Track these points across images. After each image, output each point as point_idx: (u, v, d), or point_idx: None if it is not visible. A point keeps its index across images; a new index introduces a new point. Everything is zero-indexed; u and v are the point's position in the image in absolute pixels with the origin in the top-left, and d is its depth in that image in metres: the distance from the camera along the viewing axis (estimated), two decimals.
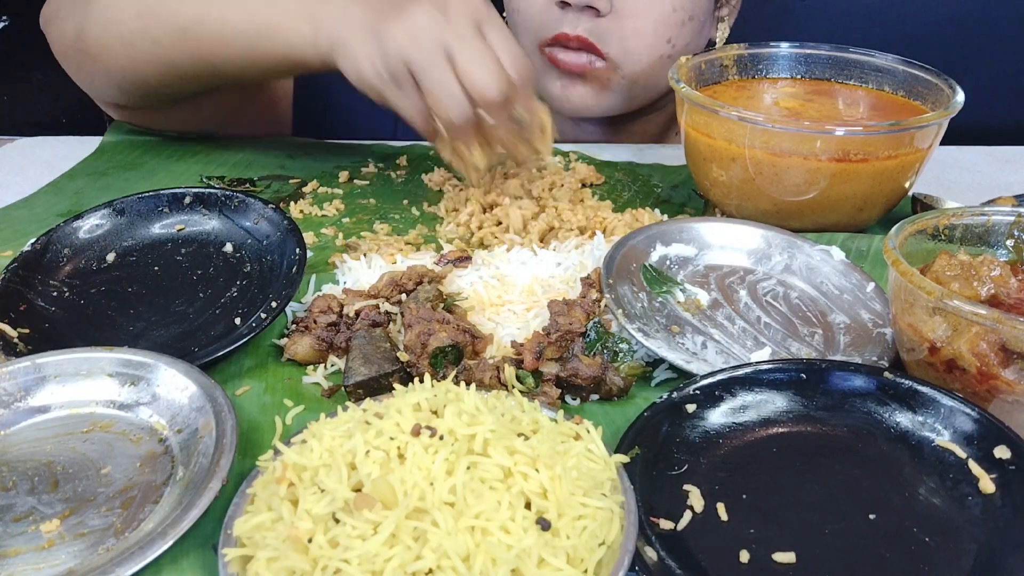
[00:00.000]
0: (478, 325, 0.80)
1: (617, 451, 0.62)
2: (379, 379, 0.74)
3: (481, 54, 0.87)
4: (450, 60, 0.87)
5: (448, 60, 0.87)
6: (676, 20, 1.21)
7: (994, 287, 0.72)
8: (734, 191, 1.01)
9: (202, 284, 0.87)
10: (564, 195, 1.06)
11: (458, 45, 0.87)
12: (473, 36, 0.88)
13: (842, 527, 0.59)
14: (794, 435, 0.67)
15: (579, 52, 1.21)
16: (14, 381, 0.72)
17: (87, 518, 0.62)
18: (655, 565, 0.55)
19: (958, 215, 0.79)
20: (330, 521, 0.53)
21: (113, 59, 1.10)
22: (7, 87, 1.93)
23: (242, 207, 0.92)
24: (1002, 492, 0.60)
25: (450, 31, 0.87)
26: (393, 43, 0.88)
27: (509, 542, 0.52)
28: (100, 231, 0.92)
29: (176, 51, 1.05)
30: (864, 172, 0.95)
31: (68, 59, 1.17)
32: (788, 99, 1.10)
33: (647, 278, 0.85)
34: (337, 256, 0.96)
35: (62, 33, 1.16)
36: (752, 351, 0.77)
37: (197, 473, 0.63)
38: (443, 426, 0.56)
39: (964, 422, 0.64)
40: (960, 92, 0.99)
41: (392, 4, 0.91)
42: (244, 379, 0.78)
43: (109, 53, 1.10)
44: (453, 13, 0.88)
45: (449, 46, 0.87)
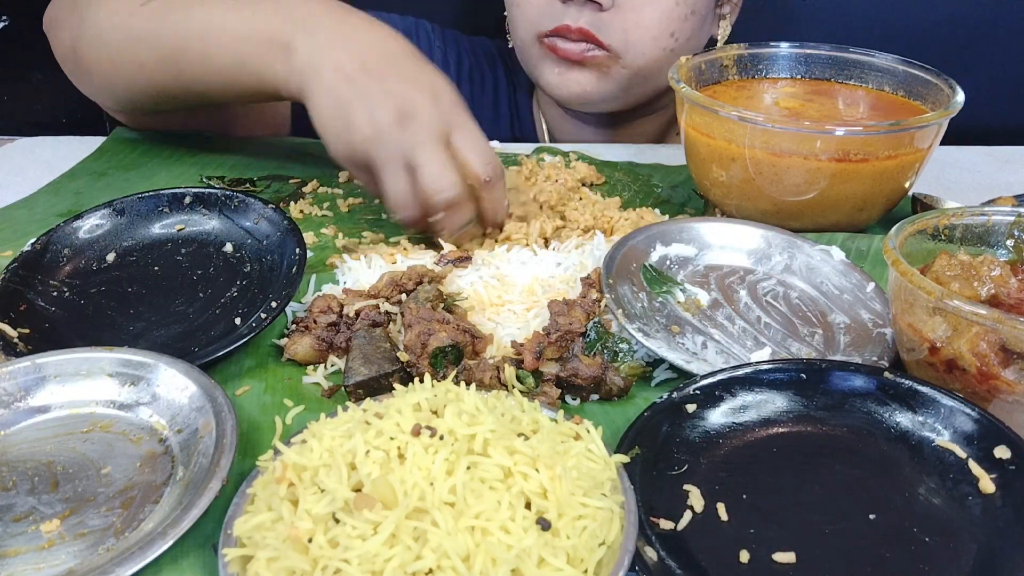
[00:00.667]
0: (478, 325, 0.80)
1: (617, 451, 0.62)
2: (379, 379, 0.74)
3: (437, 162, 0.88)
4: (409, 166, 0.89)
5: (407, 167, 0.89)
6: (679, 14, 1.21)
7: (994, 287, 0.72)
8: (734, 191, 1.01)
9: (202, 284, 0.87)
10: (562, 192, 1.06)
11: (418, 153, 0.88)
12: (432, 145, 0.88)
13: (842, 527, 0.59)
14: (794, 435, 0.67)
15: (579, 42, 1.21)
16: (14, 381, 0.72)
17: (87, 518, 0.62)
18: (655, 565, 0.55)
19: (958, 215, 0.79)
20: (330, 521, 0.53)
21: (104, 76, 1.11)
22: (7, 87, 1.93)
23: (242, 207, 0.92)
24: (1002, 492, 0.60)
25: (413, 137, 0.88)
26: (358, 135, 0.89)
27: (509, 542, 0.52)
28: (100, 231, 0.92)
29: (161, 76, 1.06)
30: (864, 172, 0.95)
31: (66, 65, 1.19)
32: (788, 99, 1.10)
33: (647, 278, 0.85)
34: (337, 256, 0.96)
35: (60, 41, 1.17)
36: (752, 351, 0.77)
37: (197, 473, 0.63)
38: (443, 426, 0.56)
39: (964, 422, 0.64)
40: (960, 92, 0.99)
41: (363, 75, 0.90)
42: (244, 379, 0.78)
43: (100, 71, 1.11)
44: (420, 119, 0.88)
45: (409, 154, 0.88)
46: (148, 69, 1.06)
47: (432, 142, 0.88)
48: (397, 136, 0.88)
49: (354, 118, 0.89)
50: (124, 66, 1.08)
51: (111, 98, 1.18)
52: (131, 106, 1.19)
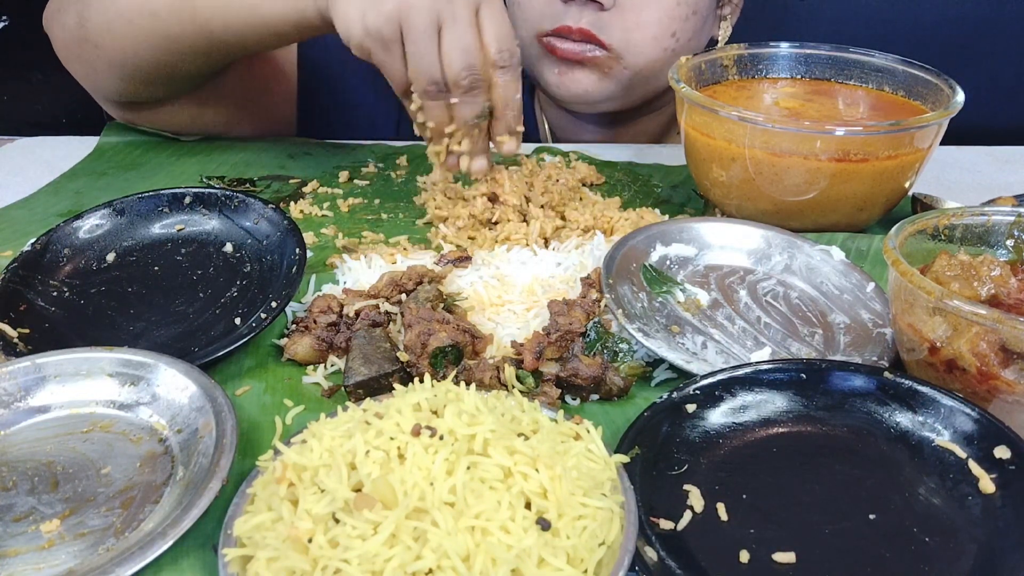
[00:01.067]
0: (478, 325, 0.80)
1: (617, 451, 0.62)
2: (379, 379, 0.74)
3: (466, 37, 0.88)
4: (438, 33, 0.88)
5: (436, 33, 0.88)
6: (680, 14, 1.21)
7: (994, 287, 0.72)
8: (734, 191, 1.01)
9: (202, 284, 0.87)
10: (563, 192, 1.06)
11: (450, 21, 0.88)
12: (465, 16, 0.88)
13: (842, 527, 0.59)
14: (794, 435, 0.67)
15: (579, 42, 1.21)
16: (14, 381, 0.72)
17: (87, 518, 0.62)
18: (655, 565, 0.55)
19: (958, 215, 0.79)
20: (330, 521, 0.53)
21: (114, 41, 1.10)
22: (7, 87, 1.93)
23: (242, 207, 0.92)
24: (1002, 492, 0.60)
25: (446, 5, 0.88)
26: (385, 7, 0.88)
27: (509, 542, 0.52)
28: (100, 231, 0.92)
29: (175, 22, 1.05)
30: (864, 172, 0.95)
31: (70, 52, 1.17)
32: (788, 99, 1.10)
33: (647, 278, 0.85)
34: (337, 256, 0.96)
35: (63, 26, 1.15)
36: (752, 351, 0.77)
37: (197, 473, 0.63)
38: (443, 426, 0.56)
39: (964, 422, 0.64)
40: (960, 92, 0.99)
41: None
42: (244, 379, 0.78)
43: (110, 35, 1.09)
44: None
45: (441, 19, 0.88)
46: (163, 16, 1.05)
47: (462, 13, 0.88)
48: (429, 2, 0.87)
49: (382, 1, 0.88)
50: (135, 20, 1.07)
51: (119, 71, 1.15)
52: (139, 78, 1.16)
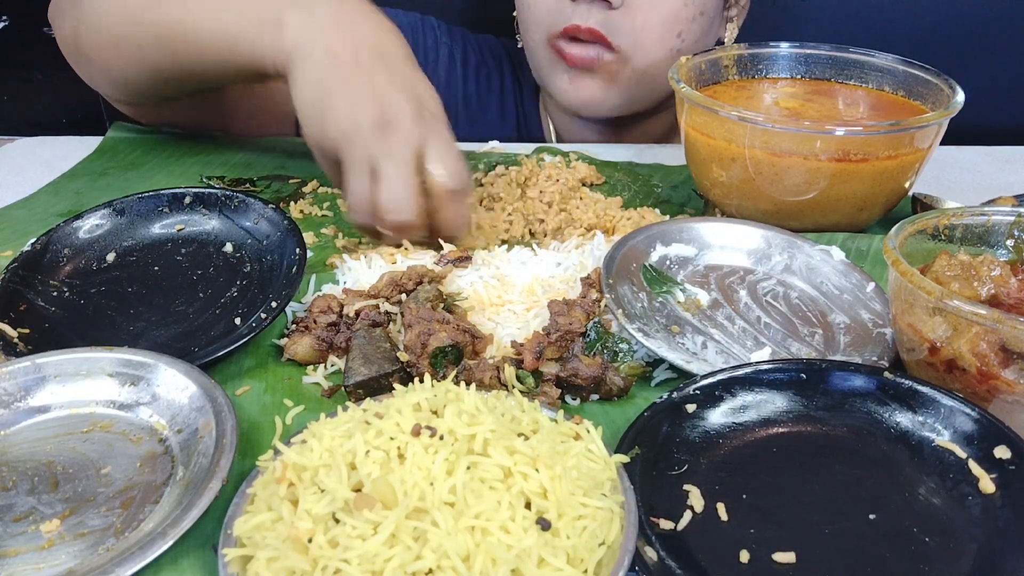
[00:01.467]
0: (478, 325, 0.80)
1: (617, 451, 0.62)
2: (379, 379, 0.74)
3: (399, 179, 0.86)
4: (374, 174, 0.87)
5: (372, 173, 0.87)
6: (687, 15, 1.21)
7: (994, 287, 0.72)
8: (734, 191, 1.01)
9: (202, 284, 0.87)
10: (564, 192, 1.06)
11: (383, 164, 0.86)
12: (402, 156, 0.86)
13: (842, 527, 0.59)
14: (794, 435, 0.67)
15: (589, 45, 1.21)
16: (14, 381, 0.72)
17: (87, 518, 0.62)
18: (655, 565, 0.55)
19: (958, 215, 0.79)
20: (330, 521, 0.53)
21: (104, 61, 1.12)
22: (7, 87, 1.93)
23: (242, 207, 0.92)
24: (1002, 492, 0.60)
25: (384, 147, 0.86)
26: (333, 126, 0.88)
27: (509, 542, 0.52)
28: (100, 231, 0.92)
29: (157, 56, 1.06)
30: (864, 172, 0.94)
31: (69, 54, 1.19)
32: (788, 99, 1.10)
33: (647, 278, 0.85)
34: (337, 256, 0.96)
35: (62, 31, 1.17)
36: (752, 351, 0.77)
37: (197, 473, 0.63)
38: (443, 426, 0.56)
39: (964, 422, 0.64)
40: (960, 92, 0.99)
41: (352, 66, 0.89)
42: (244, 379, 0.78)
43: (100, 56, 1.11)
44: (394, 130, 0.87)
45: (376, 162, 0.87)
46: (145, 50, 1.06)
47: (402, 157, 0.86)
48: (371, 141, 0.86)
49: (334, 110, 0.88)
50: (123, 49, 1.08)
51: (111, 85, 1.17)
52: (131, 93, 1.19)
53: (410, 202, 0.87)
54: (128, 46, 1.07)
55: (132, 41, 1.06)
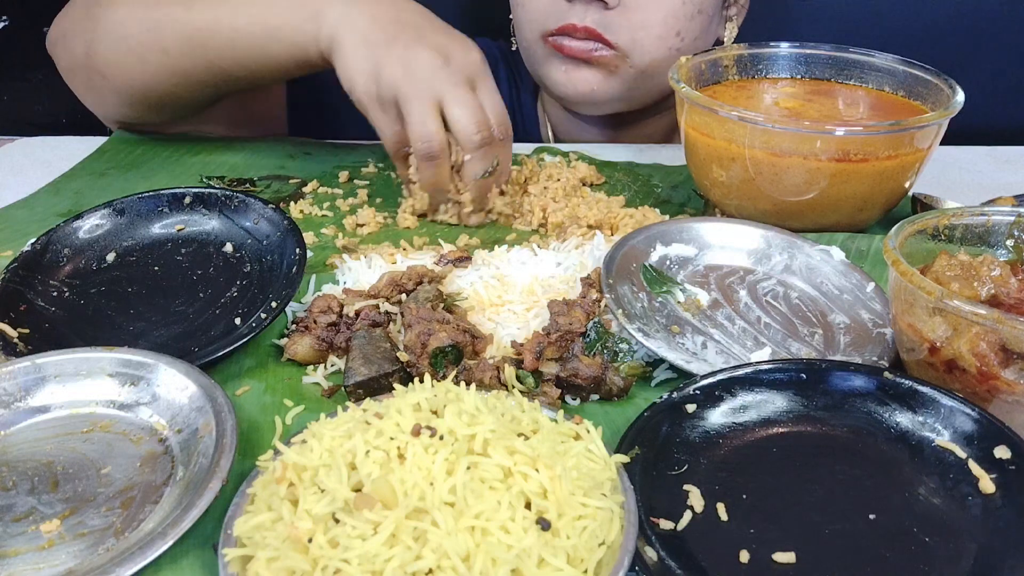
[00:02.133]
0: (478, 325, 0.80)
1: (617, 451, 0.62)
2: (379, 379, 0.74)
3: (470, 104, 0.94)
4: (438, 103, 0.93)
5: (436, 103, 0.93)
6: (685, 13, 1.21)
7: (994, 287, 0.72)
8: (734, 191, 1.01)
9: (202, 284, 0.87)
10: (566, 190, 1.06)
11: (450, 93, 0.93)
12: (464, 88, 0.94)
13: (842, 527, 0.59)
14: (794, 435, 0.67)
15: (585, 41, 1.21)
16: (14, 381, 0.72)
17: (87, 518, 0.62)
18: (655, 565, 0.55)
19: (958, 215, 0.79)
20: (330, 521, 0.53)
21: (123, 74, 1.13)
22: (7, 87, 1.93)
23: (242, 207, 0.92)
24: (1002, 492, 0.60)
25: (445, 78, 0.93)
26: (389, 72, 0.93)
27: (509, 542, 0.52)
28: (100, 231, 0.92)
29: (186, 59, 1.08)
30: (864, 172, 0.94)
31: (76, 78, 1.20)
32: (788, 99, 1.10)
33: (647, 278, 0.85)
34: (337, 256, 0.96)
35: (70, 53, 1.18)
36: (752, 351, 0.77)
37: (197, 473, 0.63)
38: (443, 426, 0.56)
39: (964, 422, 0.64)
40: (960, 92, 0.99)
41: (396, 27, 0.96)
42: (244, 379, 0.78)
43: (119, 68, 1.13)
44: (453, 64, 0.94)
45: (440, 92, 0.93)
46: (172, 54, 1.08)
47: (464, 85, 0.94)
48: (430, 75, 0.92)
49: (387, 58, 0.93)
50: (146, 57, 1.09)
51: (127, 99, 1.18)
52: (146, 106, 1.19)
53: (484, 119, 0.94)
54: (152, 53, 1.09)
55: (157, 47, 1.08)
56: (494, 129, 0.96)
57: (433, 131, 0.94)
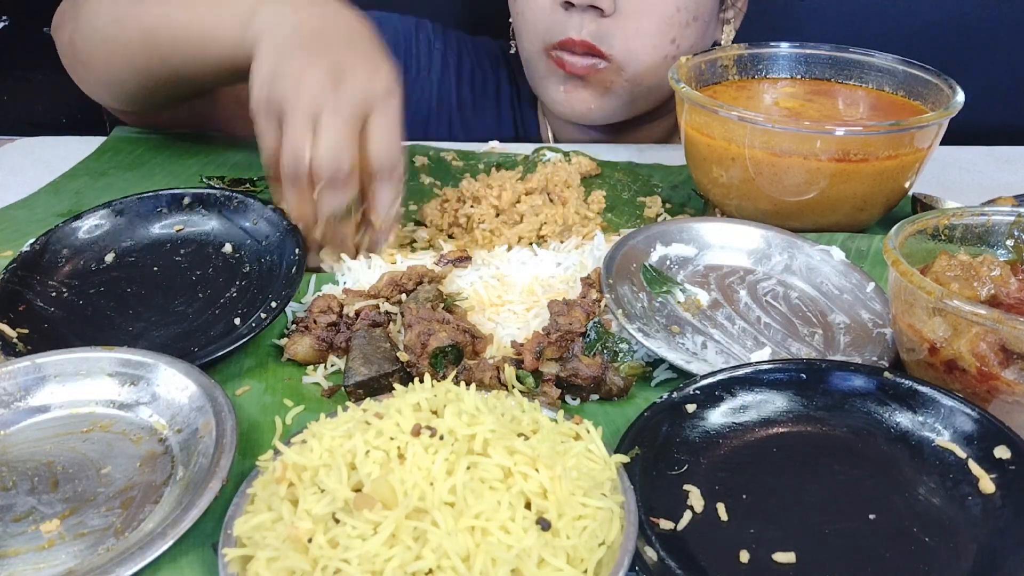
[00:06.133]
0: (478, 325, 0.80)
1: (617, 451, 0.62)
2: (379, 379, 0.74)
3: (336, 133, 0.85)
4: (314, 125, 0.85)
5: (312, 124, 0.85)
6: (680, 20, 1.21)
7: (994, 287, 0.72)
8: (734, 191, 1.01)
9: (201, 284, 0.87)
10: (568, 192, 1.06)
11: (324, 117, 0.85)
12: (343, 115, 0.85)
13: (842, 527, 0.59)
14: (794, 435, 0.67)
15: (584, 56, 1.21)
16: (14, 381, 0.72)
17: (87, 518, 0.62)
18: (655, 565, 0.55)
19: (958, 215, 0.79)
20: (330, 521, 0.53)
21: (97, 65, 1.12)
22: (7, 87, 1.93)
23: (241, 207, 0.92)
24: (1002, 492, 0.60)
25: (329, 101, 0.85)
26: (281, 83, 0.87)
27: (509, 542, 0.52)
28: (99, 231, 0.92)
29: (142, 55, 1.06)
30: (864, 172, 0.94)
31: (67, 64, 1.19)
32: (788, 99, 1.10)
33: (647, 278, 0.85)
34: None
35: (61, 40, 1.18)
36: (752, 351, 0.77)
37: (197, 473, 0.63)
38: (443, 426, 0.56)
39: (964, 422, 0.64)
40: (960, 92, 0.99)
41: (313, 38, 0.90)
42: (244, 379, 0.78)
43: (93, 59, 1.12)
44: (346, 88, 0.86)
45: (318, 115, 0.85)
46: (133, 52, 1.06)
47: (346, 112, 0.85)
48: (317, 91, 0.85)
49: (285, 68, 0.87)
50: (113, 53, 1.08)
51: (107, 90, 1.18)
52: (127, 100, 1.19)
53: (347, 155, 0.85)
54: (117, 49, 1.08)
55: (120, 43, 1.07)
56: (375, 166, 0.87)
57: (300, 151, 0.85)
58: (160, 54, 1.05)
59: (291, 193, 0.88)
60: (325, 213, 0.88)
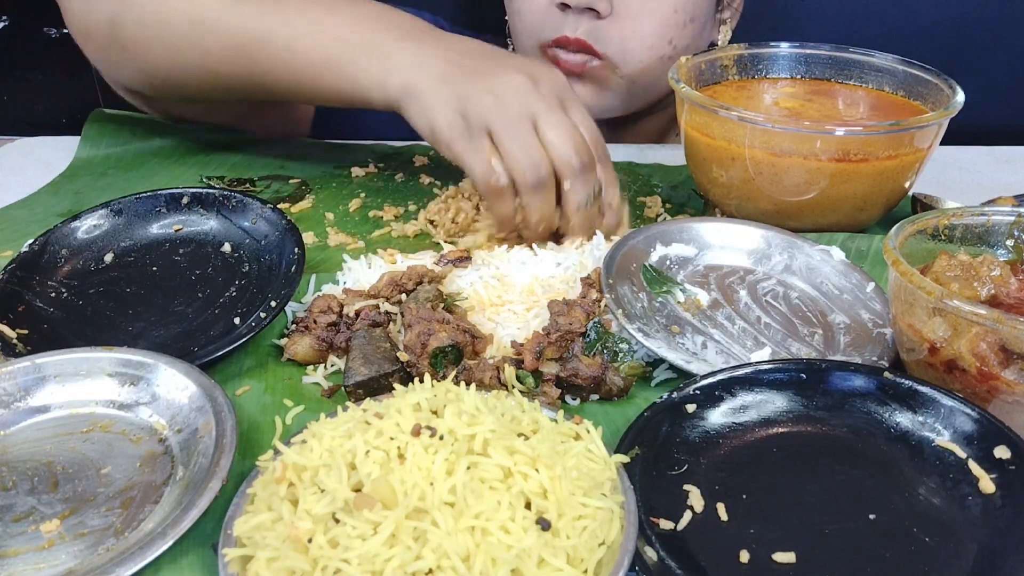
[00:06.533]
0: (478, 325, 0.80)
1: (617, 451, 0.62)
2: (379, 379, 0.74)
3: (566, 125, 0.89)
4: (534, 127, 0.88)
5: (533, 127, 0.88)
6: (677, 21, 1.21)
7: (994, 287, 0.72)
8: (734, 191, 1.01)
9: (201, 284, 0.87)
10: None
11: (545, 115, 0.88)
12: (558, 109, 0.89)
13: (842, 527, 0.59)
14: (794, 435, 0.67)
15: (577, 53, 1.22)
16: (14, 381, 0.72)
17: (87, 518, 0.62)
18: (655, 565, 0.55)
19: (958, 215, 0.79)
20: (330, 521, 0.53)
21: (151, 57, 1.06)
22: (7, 87, 1.93)
23: (240, 207, 0.92)
24: (1002, 492, 0.60)
25: (538, 101, 0.88)
26: (476, 102, 0.88)
27: (509, 542, 0.52)
28: (98, 232, 0.92)
29: (227, 65, 1.02)
30: (864, 172, 0.94)
31: (91, 42, 1.12)
32: (788, 99, 1.10)
33: (647, 278, 0.85)
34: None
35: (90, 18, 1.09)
36: (752, 351, 0.77)
37: (197, 473, 0.63)
38: (443, 426, 0.56)
39: (964, 422, 0.64)
40: (960, 92, 0.99)
41: (473, 62, 0.92)
42: (244, 379, 0.78)
43: (148, 51, 1.06)
44: (543, 86, 0.90)
45: (535, 114, 0.88)
46: (213, 56, 1.02)
47: (558, 107, 0.89)
48: (523, 98, 0.88)
49: (471, 89, 0.88)
50: (181, 50, 1.03)
51: (146, 78, 1.11)
52: (168, 91, 1.13)
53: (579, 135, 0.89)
54: (190, 48, 1.02)
55: (197, 44, 1.01)
56: (595, 148, 0.91)
57: (538, 158, 0.88)
58: (251, 72, 1.01)
59: (536, 201, 0.90)
60: (580, 201, 0.91)
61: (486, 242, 0.97)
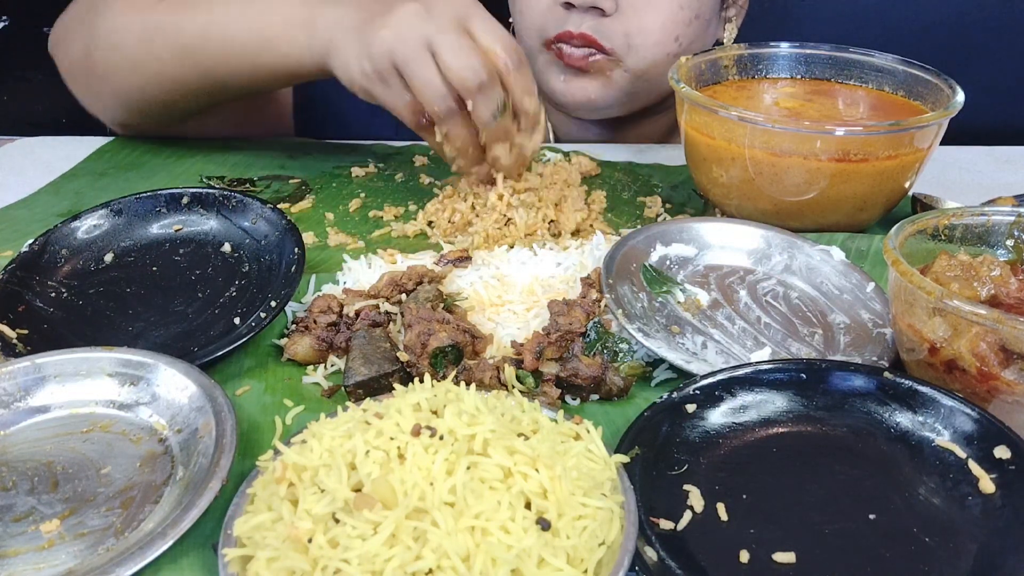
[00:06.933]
0: (478, 325, 0.80)
1: (617, 451, 0.62)
2: (379, 379, 0.74)
3: (460, 45, 0.89)
4: (432, 54, 0.90)
5: (430, 54, 0.90)
6: (683, 18, 1.21)
7: (994, 287, 0.72)
8: (734, 191, 1.01)
9: (201, 284, 0.87)
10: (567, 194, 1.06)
11: (439, 39, 0.89)
12: (454, 30, 0.90)
13: (842, 527, 0.59)
14: (794, 435, 0.67)
15: (582, 47, 1.22)
16: (14, 381, 0.72)
17: (87, 518, 0.62)
18: (655, 565, 0.55)
19: (958, 215, 0.79)
20: (330, 521, 0.53)
21: (120, 79, 1.13)
22: (7, 87, 1.93)
23: (240, 207, 0.92)
24: (1002, 492, 0.60)
25: (432, 26, 0.90)
26: (378, 42, 0.91)
27: (509, 542, 0.52)
28: (98, 232, 0.92)
29: (180, 68, 1.08)
30: (864, 172, 0.94)
31: (76, 80, 1.20)
32: (788, 99, 1.10)
33: (647, 278, 0.85)
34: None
35: (70, 55, 1.18)
36: (752, 351, 0.77)
37: (197, 473, 0.63)
38: (443, 426, 0.56)
39: (964, 422, 0.64)
40: (960, 92, 0.99)
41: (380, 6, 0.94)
42: (244, 379, 0.78)
43: (116, 74, 1.12)
44: (436, 11, 0.91)
45: (431, 40, 0.89)
46: (166, 62, 1.07)
47: (450, 28, 0.90)
48: (416, 26, 0.89)
49: (372, 31, 0.91)
50: (141, 63, 1.09)
51: (124, 105, 1.18)
52: (144, 111, 1.19)
53: (476, 59, 0.89)
54: (147, 61, 1.08)
55: (151, 55, 1.08)
56: (502, 61, 0.91)
57: (439, 84, 0.89)
58: (202, 68, 1.07)
59: (452, 126, 0.93)
60: (486, 118, 0.92)
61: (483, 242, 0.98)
